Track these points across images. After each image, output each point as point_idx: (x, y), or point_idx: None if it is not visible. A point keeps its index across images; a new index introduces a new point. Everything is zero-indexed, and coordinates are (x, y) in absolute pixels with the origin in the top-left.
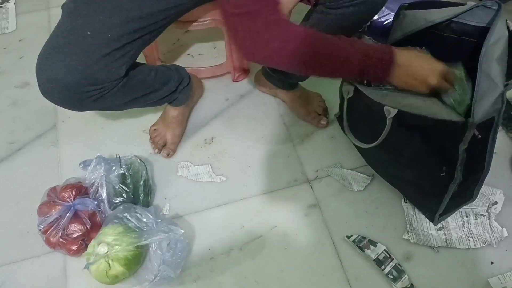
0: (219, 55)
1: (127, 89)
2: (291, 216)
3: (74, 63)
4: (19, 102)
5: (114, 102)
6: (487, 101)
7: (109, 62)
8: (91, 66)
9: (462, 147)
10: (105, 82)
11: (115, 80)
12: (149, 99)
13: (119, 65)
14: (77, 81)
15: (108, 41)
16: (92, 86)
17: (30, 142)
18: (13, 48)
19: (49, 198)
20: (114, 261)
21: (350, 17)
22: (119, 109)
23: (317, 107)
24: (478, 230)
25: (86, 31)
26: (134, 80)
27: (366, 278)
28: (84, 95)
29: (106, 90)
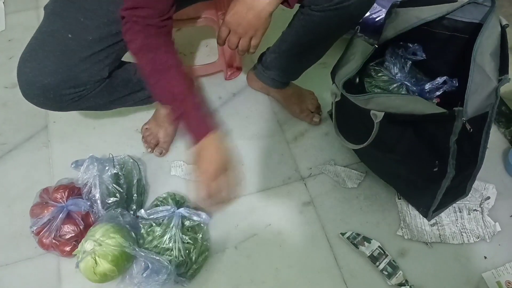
0: (211, 54)
1: (111, 88)
2: (285, 214)
3: (54, 65)
4: (9, 103)
5: (97, 102)
6: (480, 95)
7: (90, 64)
8: (71, 68)
9: (453, 138)
10: (86, 84)
11: (97, 82)
12: (136, 97)
13: (101, 67)
14: (56, 83)
15: (89, 43)
16: (72, 88)
17: (21, 143)
18: (3, 48)
19: (41, 200)
20: (101, 258)
21: (334, 20)
22: (106, 109)
23: (310, 105)
24: (471, 225)
25: (67, 33)
26: (119, 79)
27: (361, 275)
28: (64, 97)
29: (87, 91)
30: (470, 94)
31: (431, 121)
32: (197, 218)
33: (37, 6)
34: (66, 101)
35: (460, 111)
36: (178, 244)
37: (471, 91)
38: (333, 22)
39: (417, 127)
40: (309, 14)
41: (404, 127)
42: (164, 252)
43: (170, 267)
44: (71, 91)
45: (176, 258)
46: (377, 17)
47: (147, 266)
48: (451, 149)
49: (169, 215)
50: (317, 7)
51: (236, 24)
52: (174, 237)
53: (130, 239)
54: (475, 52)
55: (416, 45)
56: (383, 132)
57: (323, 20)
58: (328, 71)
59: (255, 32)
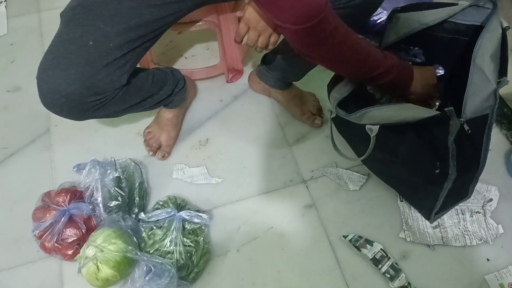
0: (213, 56)
1: (127, 96)
2: (287, 216)
3: (77, 73)
4: (11, 107)
5: (114, 109)
6: (479, 96)
7: (111, 71)
8: (93, 76)
9: (450, 138)
10: (107, 91)
11: (117, 89)
12: (146, 103)
13: (121, 74)
14: (79, 92)
15: (110, 50)
16: (94, 96)
17: (23, 147)
18: (4, 52)
19: (43, 203)
20: (103, 264)
21: (345, 18)
22: (117, 116)
23: (311, 107)
24: (474, 227)
25: (88, 41)
26: (134, 86)
27: (363, 278)
28: (87, 105)
29: (108, 99)
30: (469, 95)
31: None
32: (198, 220)
33: (39, 9)
34: (88, 109)
35: (451, 111)
36: (180, 247)
37: (470, 92)
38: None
39: (417, 129)
40: None
41: (404, 130)
42: (166, 256)
43: (173, 270)
44: (93, 98)
45: (178, 261)
46: (379, 19)
47: (149, 269)
48: (450, 149)
49: (170, 218)
50: None
51: (256, 21)
52: (175, 240)
53: (131, 244)
54: (475, 54)
55: (417, 48)
56: (383, 137)
57: None
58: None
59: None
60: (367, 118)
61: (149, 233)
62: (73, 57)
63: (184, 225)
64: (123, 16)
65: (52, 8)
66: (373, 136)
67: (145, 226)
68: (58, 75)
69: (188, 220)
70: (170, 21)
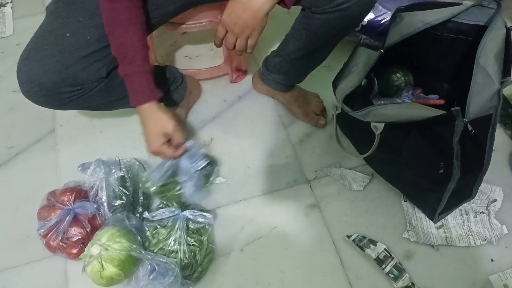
0: (217, 57)
1: (110, 88)
2: (291, 216)
3: (52, 64)
4: (16, 107)
5: (97, 101)
6: (482, 96)
7: (88, 63)
8: (69, 67)
9: (455, 138)
10: (84, 83)
11: (95, 81)
12: None
13: (99, 67)
14: (54, 82)
15: (87, 42)
16: (70, 87)
17: (28, 147)
18: (11, 52)
19: (48, 202)
20: (107, 262)
21: (335, 22)
22: (108, 109)
23: (315, 107)
24: (478, 227)
25: (65, 32)
26: (118, 79)
27: (367, 278)
28: (62, 95)
29: (86, 90)
30: (472, 95)
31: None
32: (202, 219)
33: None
34: (64, 99)
35: (457, 111)
36: (183, 246)
37: (474, 92)
38: (335, 23)
39: (422, 128)
40: (311, 17)
41: (408, 130)
42: (169, 255)
43: (177, 269)
44: (68, 89)
45: (181, 261)
46: (382, 20)
47: (153, 268)
48: (455, 149)
49: (174, 218)
50: (318, 9)
51: (232, 24)
52: (179, 240)
53: (136, 243)
54: (479, 54)
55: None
56: (387, 137)
57: (324, 22)
58: (332, 74)
59: (252, 32)
60: (373, 116)
61: (153, 232)
62: (49, 48)
63: (188, 224)
64: None
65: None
66: (377, 134)
67: (149, 225)
68: (34, 65)
69: (192, 220)
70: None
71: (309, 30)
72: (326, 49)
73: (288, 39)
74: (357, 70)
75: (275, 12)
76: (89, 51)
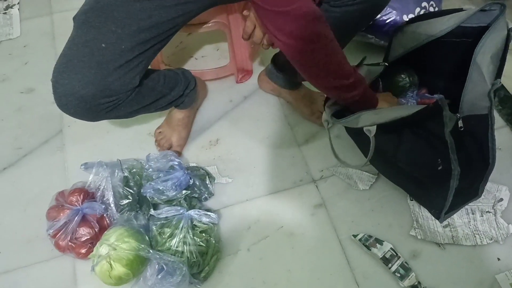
0: (222, 57)
1: (140, 97)
2: (297, 216)
3: (90, 76)
4: (24, 108)
5: (127, 110)
6: (474, 94)
7: (123, 73)
8: (106, 78)
9: (447, 130)
10: (120, 93)
11: (129, 91)
12: (158, 104)
13: (133, 75)
14: (93, 94)
15: (122, 52)
16: (108, 97)
17: (36, 148)
18: (18, 54)
19: (57, 203)
20: (116, 262)
21: (354, 15)
22: (129, 117)
23: (321, 107)
24: (484, 227)
25: (101, 43)
26: (146, 87)
27: (374, 277)
28: (100, 106)
29: (121, 100)
30: (467, 92)
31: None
32: (207, 219)
33: (51, 12)
34: (101, 111)
35: (443, 100)
36: (190, 246)
37: (468, 89)
38: (353, 16)
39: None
40: (328, 10)
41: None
42: (176, 254)
43: (185, 268)
44: (105, 100)
45: (188, 259)
46: (388, 19)
47: (161, 268)
48: (448, 142)
49: (179, 216)
50: (337, 3)
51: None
52: (184, 239)
53: (144, 242)
54: (477, 52)
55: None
56: (381, 143)
57: (343, 16)
58: None
59: None
60: (363, 121)
61: (159, 231)
62: (86, 60)
63: (195, 223)
64: (134, 18)
65: (64, 11)
66: (372, 137)
67: (156, 224)
68: (72, 78)
69: (196, 219)
70: (180, 22)
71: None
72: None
73: None
74: None
75: None
76: (124, 61)
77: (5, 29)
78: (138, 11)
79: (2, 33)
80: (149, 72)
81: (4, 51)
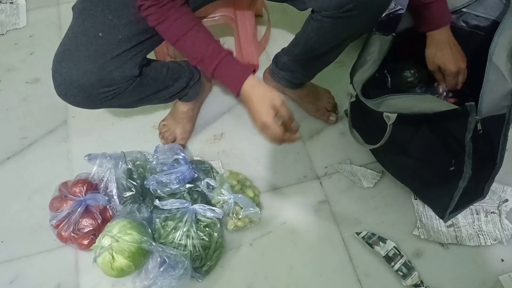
0: None
1: (141, 87)
2: (300, 212)
3: (88, 65)
4: (30, 98)
5: (128, 100)
6: (495, 95)
7: (121, 62)
8: (104, 67)
9: (468, 136)
10: (119, 82)
11: (129, 80)
12: (161, 96)
13: (132, 65)
14: (92, 83)
15: (119, 42)
16: (107, 87)
17: (41, 138)
18: (24, 44)
19: (60, 193)
20: (118, 254)
21: (345, 26)
22: (132, 107)
23: (326, 103)
24: (488, 227)
25: (98, 32)
26: (148, 78)
27: (376, 275)
28: (99, 95)
29: (120, 89)
30: (484, 93)
31: (445, 118)
32: (211, 214)
33: (58, 2)
34: (100, 100)
35: (472, 106)
36: (193, 240)
37: (486, 90)
38: (343, 28)
39: (432, 124)
40: (320, 20)
41: (417, 126)
42: (178, 247)
43: (187, 262)
44: (105, 89)
45: (191, 253)
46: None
47: (163, 260)
48: (467, 147)
49: (183, 210)
50: (327, 13)
51: None
52: (187, 233)
53: (146, 235)
54: (492, 51)
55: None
56: (396, 133)
57: (333, 26)
58: (345, 70)
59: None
60: (386, 106)
61: (163, 223)
62: (84, 49)
63: (200, 218)
64: (131, 8)
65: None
66: (389, 124)
67: (159, 216)
68: (71, 67)
69: (201, 214)
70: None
71: (319, 33)
72: (335, 52)
73: (298, 39)
74: (373, 59)
75: (288, 8)
76: (121, 50)
77: (11, 19)
78: (135, 1)
79: (9, 23)
80: (151, 62)
81: (10, 41)
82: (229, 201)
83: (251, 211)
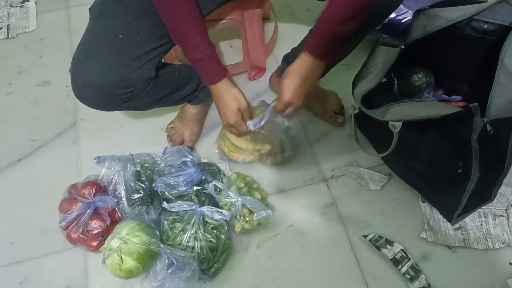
0: (236, 54)
1: (155, 89)
2: (307, 214)
3: (109, 65)
4: (39, 101)
5: (143, 101)
6: (505, 97)
7: (140, 64)
8: (125, 68)
9: (474, 137)
10: (137, 83)
11: (146, 82)
12: (173, 98)
13: (150, 67)
14: (112, 83)
15: (138, 44)
16: (126, 88)
17: (50, 140)
18: (34, 47)
19: (70, 195)
20: (126, 255)
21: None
22: (146, 109)
23: (333, 106)
24: (496, 230)
25: (118, 34)
26: (162, 79)
27: (383, 278)
28: (118, 96)
29: (138, 91)
30: (494, 95)
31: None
32: (219, 216)
33: (68, 6)
34: (118, 101)
35: (476, 107)
36: (201, 242)
37: (496, 92)
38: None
39: (440, 127)
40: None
41: (426, 129)
42: (186, 249)
43: (195, 264)
44: (124, 91)
45: (199, 255)
46: (403, 19)
47: (171, 262)
48: (473, 148)
49: (191, 212)
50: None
51: None
52: (195, 235)
53: (154, 237)
54: (503, 54)
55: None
56: (403, 137)
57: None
58: (352, 73)
59: None
60: (390, 114)
61: (171, 225)
62: (105, 49)
63: (207, 220)
64: (149, 12)
65: (80, 4)
66: (396, 133)
67: (167, 219)
68: (92, 67)
69: (208, 216)
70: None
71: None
72: (347, 48)
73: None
74: (376, 71)
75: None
76: (141, 53)
77: (21, 22)
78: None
79: (19, 26)
80: (165, 65)
81: (20, 44)
82: (237, 203)
83: (264, 215)
